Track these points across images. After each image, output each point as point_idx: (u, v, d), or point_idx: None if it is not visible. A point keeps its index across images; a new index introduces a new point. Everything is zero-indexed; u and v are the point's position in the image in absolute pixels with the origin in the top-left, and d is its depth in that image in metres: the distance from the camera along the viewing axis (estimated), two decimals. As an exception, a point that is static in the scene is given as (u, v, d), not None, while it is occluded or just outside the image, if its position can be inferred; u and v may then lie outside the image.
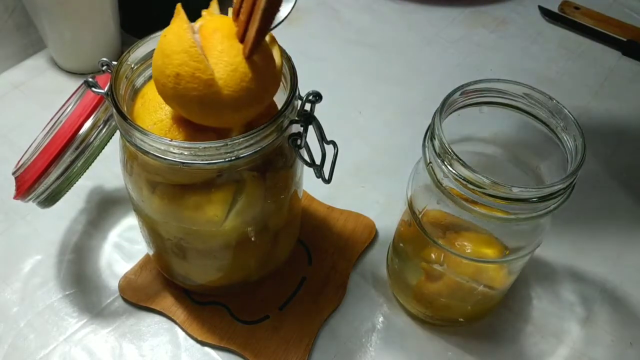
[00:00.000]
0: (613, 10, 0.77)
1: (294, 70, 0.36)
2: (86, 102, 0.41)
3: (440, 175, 0.36)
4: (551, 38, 0.74)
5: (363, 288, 0.48)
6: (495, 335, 0.46)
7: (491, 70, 0.68)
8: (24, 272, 0.48)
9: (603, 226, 0.53)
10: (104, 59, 0.37)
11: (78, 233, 0.51)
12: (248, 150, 0.33)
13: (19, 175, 0.43)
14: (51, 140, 0.41)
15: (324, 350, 0.45)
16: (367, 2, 0.77)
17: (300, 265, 0.49)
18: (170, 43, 0.32)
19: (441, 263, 0.41)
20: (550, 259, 0.50)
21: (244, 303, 0.46)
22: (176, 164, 0.33)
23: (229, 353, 0.44)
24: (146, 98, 0.36)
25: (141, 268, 0.48)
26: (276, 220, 0.42)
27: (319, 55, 0.69)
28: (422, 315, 0.46)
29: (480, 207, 0.35)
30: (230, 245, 0.41)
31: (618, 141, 0.61)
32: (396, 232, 0.47)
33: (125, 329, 0.45)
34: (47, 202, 0.43)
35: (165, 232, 0.40)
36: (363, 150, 0.59)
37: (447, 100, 0.37)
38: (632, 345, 0.46)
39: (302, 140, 0.36)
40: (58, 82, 0.64)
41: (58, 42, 0.62)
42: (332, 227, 0.51)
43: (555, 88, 0.66)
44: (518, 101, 0.38)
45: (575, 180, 0.35)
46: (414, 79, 0.67)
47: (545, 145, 0.38)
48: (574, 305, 0.48)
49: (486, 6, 0.77)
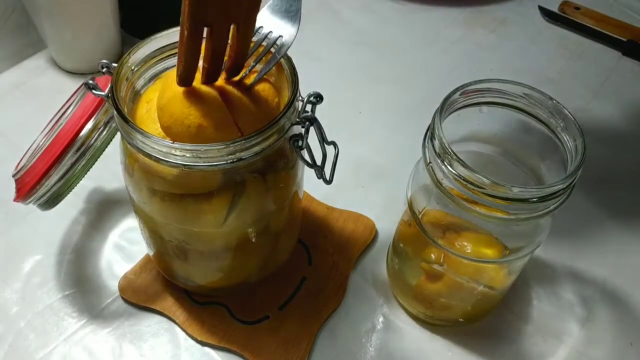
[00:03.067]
0: (613, 10, 0.77)
1: (295, 72, 0.36)
2: (86, 104, 0.41)
3: (440, 176, 0.36)
4: (551, 38, 0.74)
5: (363, 288, 0.48)
6: (495, 335, 0.46)
7: (491, 70, 0.68)
8: (24, 272, 0.48)
9: (603, 226, 0.53)
10: (104, 61, 0.37)
11: (78, 233, 0.51)
12: (249, 152, 0.33)
13: (19, 178, 0.43)
14: (51, 142, 0.41)
15: (324, 350, 0.45)
16: (368, 2, 0.77)
17: (300, 265, 0.49)
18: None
19: (441, 263, 0.41)
20: (550, 259, 0.50)
21: (244, 303, 0.46)
22: (178, 166, 0.33)
23: (229, 353, 0.44)
24: (152, 104, 0.36)
25: (141, 268, 0.48)
26: (277, 221, 0.42)
27: (319, 55, 0.69)
28: (422, 315, 0.46)
29: (480, 207, 0.35)
30: (231, 247, 0.41)
31: (618, 141, 0.61)
32: (396, 232, 0.47)
33: (125, 329, 0.45)
34: (47, 205, 0.43)
35: (166, 234, 0.40)
36: (363, 150, 0.59)
37: (447, 100, 0.37)
38: (632, 345, 0.46)
39: (304, 142, 0.35)
40: (58, 82, 0.64)
41: (58, 42, 0.62)
42: (332, 227, 0.51)
43: (555, 88, 0.66)
44: (518, 101, 0.38)
45: (575, 180, 0.34)
46: (414, 79, 0.67)
47: (545, 145, 0.38)
48: (574, 305, 0.48)
49: (486, 6, 0.77)
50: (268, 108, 0.35)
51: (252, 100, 0.35)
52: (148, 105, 0.36)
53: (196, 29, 0.31)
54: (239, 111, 0.34)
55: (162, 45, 0.38)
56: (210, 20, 0.31)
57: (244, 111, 0.34)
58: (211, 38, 0.32)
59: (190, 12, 0.30)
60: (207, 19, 0.31)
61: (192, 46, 0.32)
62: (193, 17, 0.31)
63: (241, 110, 0.34)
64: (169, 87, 0.34)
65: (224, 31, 0.32)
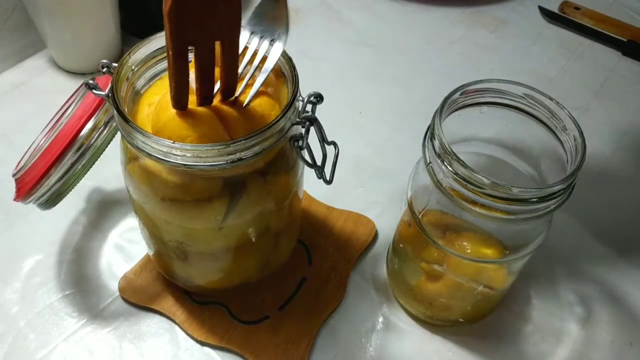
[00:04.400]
0: (613, 10, 0.77)
1: (295, 72, 0.36)
2: (87, 104, 0.41)
3: (440, 176, 0.36)
4: (551, 38, 0.74)
5: (363, 288, 0.48)
6: (495, 335, 0.46)
7: (491, 70, 0.68)
8: (24, 272, 0.48)
9: (603, 226, 0.53)
10: (105, 61, 0.37)
11: (78, 233, 0.51)
12: (250, 152, 0.33)
13: (20, 177, 0.43)
14: (52, 142, 0.41)
15: (324, 350, 0.45)
16: (367, 2, 0.77)
17: (300, 265, 0.49)
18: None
19: (441, 263, 0.41)
20: (550, 259, 0.50)
21: (244, 303, 0.46)
22: (178, 166, 0.33)
23: (229, 353, 0.44)
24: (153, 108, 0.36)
25: (141, 268, 0.48)
26: (277, 221, 0.42)
27: (319, 55, 0.69)
28: (422, 315, 0.46)
29: (480, 207, 0.35)
30: (232, 247, 0.41)
31: (618, 141, 0.61)
32: (396, 233, 0.47)
33: (125, 329, 0.45)
34: (47, 204, 0.43)
35: (166, 234, 0.40)
36: (363, 150, 0.59)
37: (447, 101, 0.37)
38: (632, 346, 0.46)
39: (304, 142, 0.36)
40: (58, 82, 0.64)
41: (58, 42, 0.62)
42: (332, 227, 0.51)
43: (555, 88, 0.66)
44: (518, 101, 0.38)
45: (575, 180, 0.34)
46: (414, 79, 0.67)
47: (545, 145, 0.38)
48: (574, 305, 0.48)
49: (486, 6, 0.77)
50: (265, 123, 0.36)
51: (248, 118, 0.35)
52: (149, 108, 0.36)
53: (180, 48, 0.32)
54: (235, 130, 0.35)
55: (163, 45, 0.38)
56: (192, 38, 0.32)
57: (240, 130, 0.35)
58: (197, 57, 0.33)
59: (171, 32, 0.31)
60: (189, 38, 0.32)
61: (180, 66, 0.33)
62: (175, 36, 0.31)
63: (238, 129, 0.35)
64: (165, 110, 0.35)
65: (209, 49, 0.33)
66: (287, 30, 0.35)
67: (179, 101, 0.34)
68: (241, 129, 0.35)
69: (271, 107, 0.36)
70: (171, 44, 0.32)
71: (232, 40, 0.34)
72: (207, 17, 0.31)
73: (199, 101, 0.35)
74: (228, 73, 0.35)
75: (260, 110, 0.36)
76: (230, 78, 0.35)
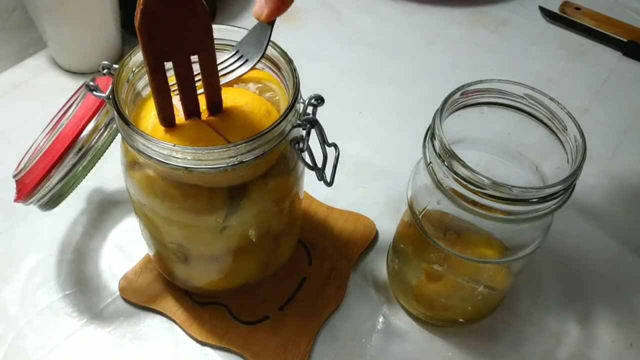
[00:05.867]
0: (613, 10, 0.77)
1: (296, 75, 0.36)
2: (87, 105, 0.41)
3: (441, 176, 0.36)
4: (551, 38, 0.74)
5: (363, 288, 0.48)
6: (495, 335, 0.46)
7: (491, 70, 0.68)
8: (24, 272, 0.48)
9: (603, 226, 0.53)
10: (105, 62, 0.36)
11: (79, 233, 0.51)
12: (251, 154, 0.33)
13: (20, 179, 0.43)
14: (52, 143, 0.41)
15: (324, 350, 0.45)
16: (368, 2, 0.77)
17: (300, 265, 0.49)
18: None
19: (441, 263, 0.41)
20: (550, 259, 0.50)
21: (244, 303, 0.46)
22: (179, 169, 0.33)
23: (229, 353, 0.44)
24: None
25: (141, 268, 0.48)
26: (277, 222, 0.42)
27: (319, 55, 0.69)
28: (422, 315, 0.46)
29: (480, 208, 0.35)
30: (232, 249, 0.41)
31: (618, 141, 0.61)
32: (396, 233, 0.47)
33: (125, 329, 0.45)
34: (48, 206, 0.43)
35: (167, 236, 0.40)
36: (363, 150, 0.59)
37: (447, 101, 0.37)
38: (632, 346, 0.46)
39: (305, 144, 0.35)
40: (58, 81, 0.64)
41: (58, 41, 0.62)
42: (332, 227, 0.51)
43: (555, 88, 0.66)
44: (518, 101, 0.38)
45: (575, 180, 0.35)
46: (414, 79, 0.67)
47: (545, 145, 0.38)
48: (574, 305, 0.48)
49: (486, 6, 0.78)
50: (256, 118, 0.36)
51: (237, 116, 0.36)
52: (154, 119, 0.36)
53: (156, 62, 0.32)
54: (230, 134, 0.35)
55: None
56: (167, 52, 0.32)
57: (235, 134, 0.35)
58: (175, 72, 0.33)
59: (144, 48, 0.31)
60: (163, 52, 0.32)
61: (159, 80, 0.33)
62: (149, 52, 0.32)
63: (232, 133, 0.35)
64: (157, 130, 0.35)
65: (185, 62, 0.33)
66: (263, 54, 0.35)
67: (166, 118, 0.35)
68: (232, 126, 0.35)
69: (260, 103, 0.36)
70: (146, 59, 0.32)
71: (208, 54, 0.34)
72: (177, 31, 0.32)
73: (186, 117, 0.35)
74: (210, 87, 0.35)
75: (249, 109, 0.36)
76: (212, 92, 0.35)
